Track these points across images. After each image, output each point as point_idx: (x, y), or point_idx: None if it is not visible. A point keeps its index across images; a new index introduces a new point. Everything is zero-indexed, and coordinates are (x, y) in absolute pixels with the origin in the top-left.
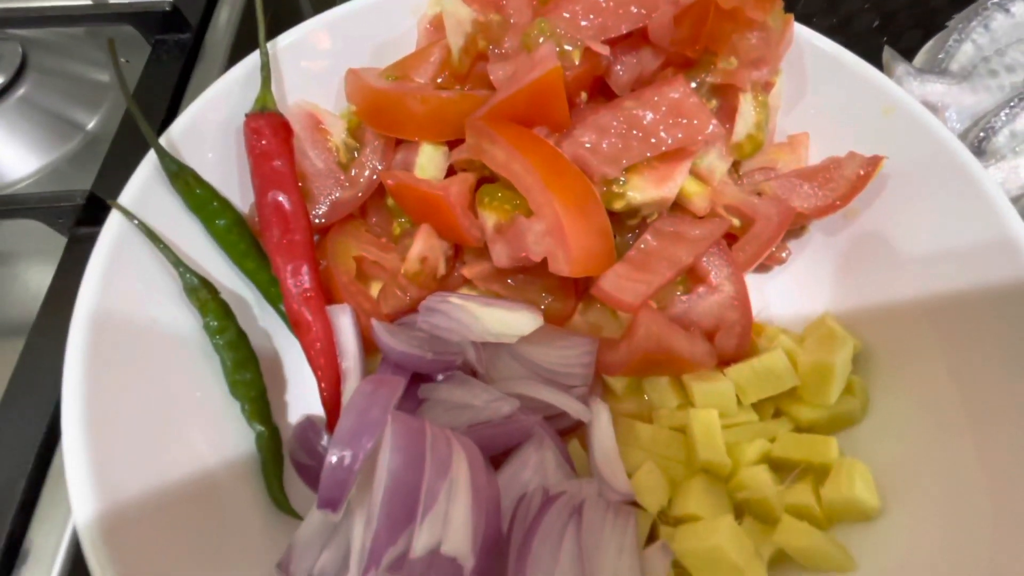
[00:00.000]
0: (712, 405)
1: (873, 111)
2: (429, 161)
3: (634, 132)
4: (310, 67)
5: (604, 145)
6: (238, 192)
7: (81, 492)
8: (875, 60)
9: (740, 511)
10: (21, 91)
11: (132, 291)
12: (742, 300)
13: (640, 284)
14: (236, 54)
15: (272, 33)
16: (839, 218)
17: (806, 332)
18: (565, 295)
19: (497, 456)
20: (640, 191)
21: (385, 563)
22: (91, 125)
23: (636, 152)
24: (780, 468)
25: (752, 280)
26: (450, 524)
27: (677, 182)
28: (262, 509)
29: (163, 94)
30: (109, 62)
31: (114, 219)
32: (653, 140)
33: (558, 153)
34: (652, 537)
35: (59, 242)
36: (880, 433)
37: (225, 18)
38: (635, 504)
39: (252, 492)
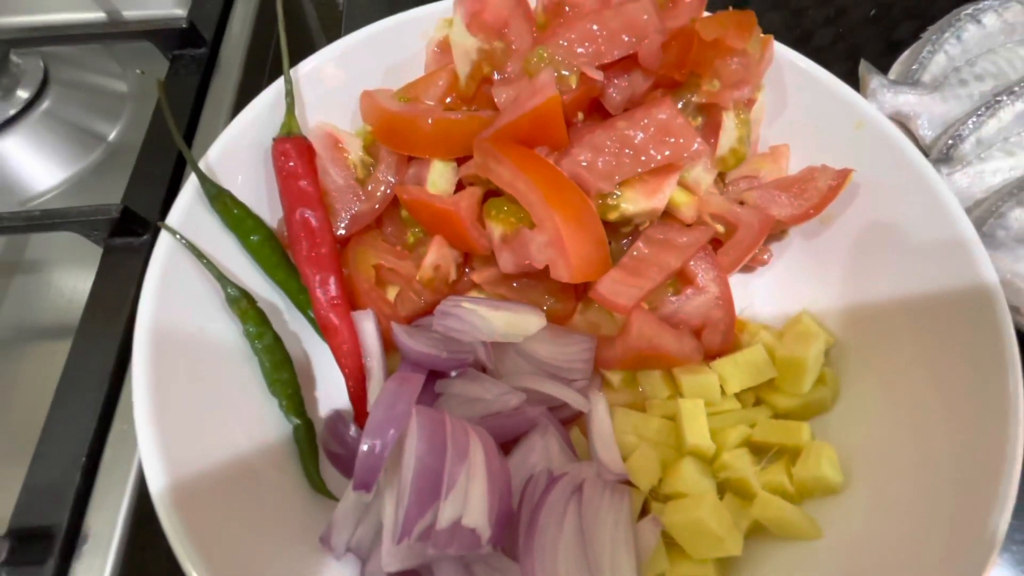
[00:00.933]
0: (698, 395)
1: (845, 125)
2: (440, 176)
3: (626, 151)
4: (328, 90)
5: (599, 163)
6: (267, 209)
7: (154, 469)
8: (871, 50)
9: (722, 489)
10: (45, 105)
11: (182, 303)
12: (726, 300)
13: (633, 288)
14: (250, 65)
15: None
16: (816, 223)
17: (784, 328)
18: (566, 297)
19: (507, 443)
20: (632, 203)
21: (416, 533)
22: (112, 136)
23: (628, 168)
24: (759, 451)
25: (736, 280)
26: (469, 501)
27: (666, 194)
28: (302, 493)
29: (184, 107)
30: (127, 75)
31: (163, 239)
32: (643, 157)
33: (557, 171)
34: (644, 512)
35: (91, 251)
36: (848, 419)
37: (238, 31)
38: (629, 483)
39: (292, 478)
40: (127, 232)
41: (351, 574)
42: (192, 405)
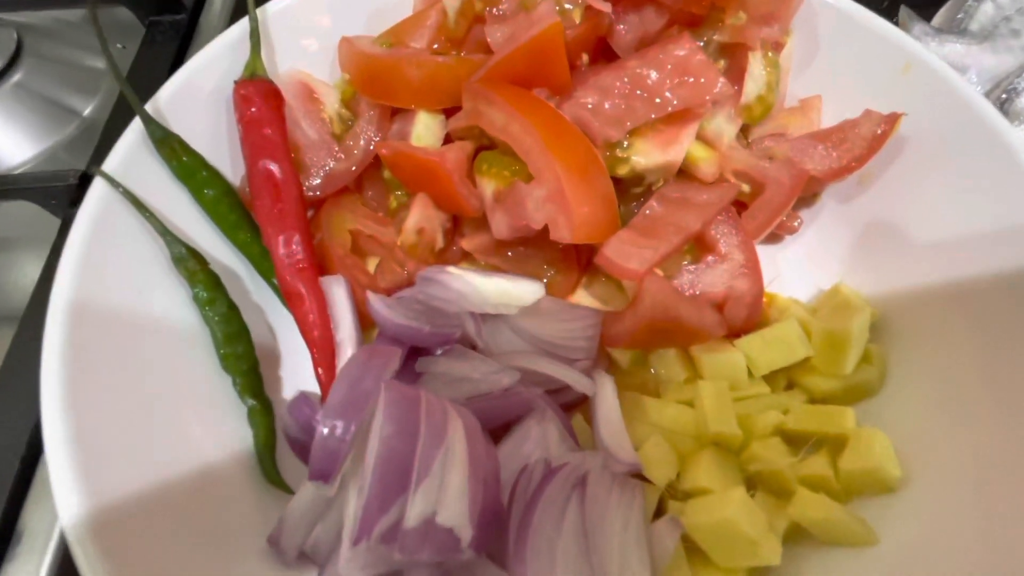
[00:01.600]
0: (721, 377)
1: (890, 70)
2: (426, 130)
3: (638, 92)
4: (302, 36)
5: (607, 106)
6: (229, 164)
7: (66, 487)
8: (891, 20)
9: (752, 485)
10: (17, 77)
11: (116, 265)
12: (753, 268)
13: (646, 250)
14: None
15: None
16: (853, 185)
17: (819, 302)
18: (568, 267)
19: (497, 431)
20: (645, 155)
21: (377, 533)
22: (87, 111)
23: (640, 113)
24: (794, 441)
25: (762, 251)
26: (446, 493)
27: (684, 145)
28: (255, 486)
29: (158, 75)
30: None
31: (97, 187)
32: (658, 100)
33: (559, 115)
34: (660, 512)
35: (55, 226)
36: (899, 405)
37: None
38: (642, 478)
39: (244, 469)
40: None
41: None
42: (124, 388)
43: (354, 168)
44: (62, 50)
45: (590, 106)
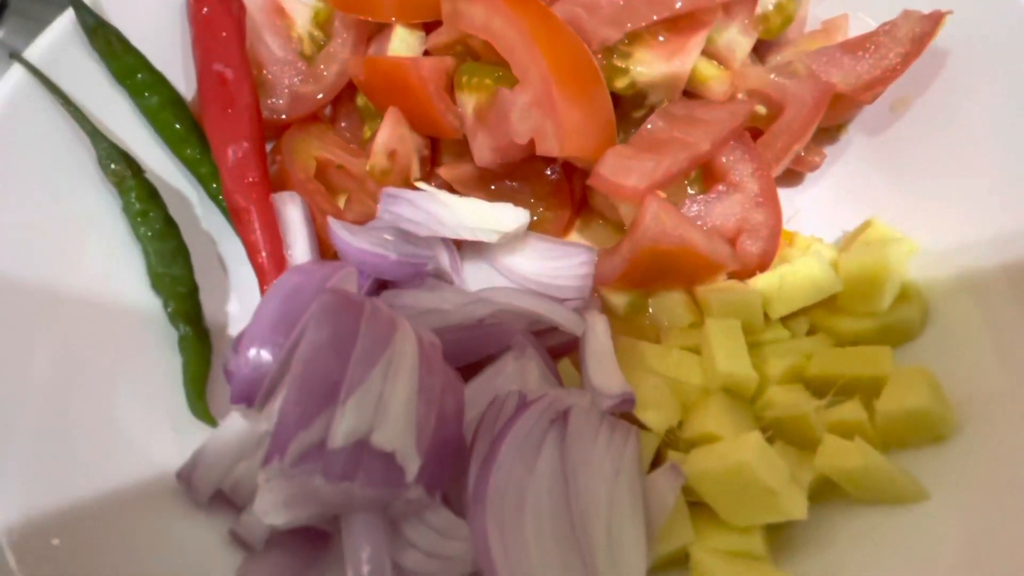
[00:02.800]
0: (732, 317)
1: None
2: (402, 43)
3: None
4: None
5: (603, 4)
6: (183, 80)
7: None
8: None
9: (771, 437)
10: None
11: (28, 156)
12: (769, 198)
13: (648, 165)
14: None
15: None
16: (884, 112)
17: (847, 239)
18: (559, 204)
19: (468, 371)
20: (647, 65)
21: (294, 452)
22: None
23: (642, 13)
24: (819, 389)
25: (781, 194)
26: (384, 410)
27: (690, 56)
28: (177, 419)
29: None
30: None
31: (14, 75)
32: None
33: (547, 9)
34: (657, 464)
35: None
36: (944, 350)
37: None
38: (638, 425)
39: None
40: None
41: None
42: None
43: (323, 93)
44: (47, 11)
45: (586, 3)
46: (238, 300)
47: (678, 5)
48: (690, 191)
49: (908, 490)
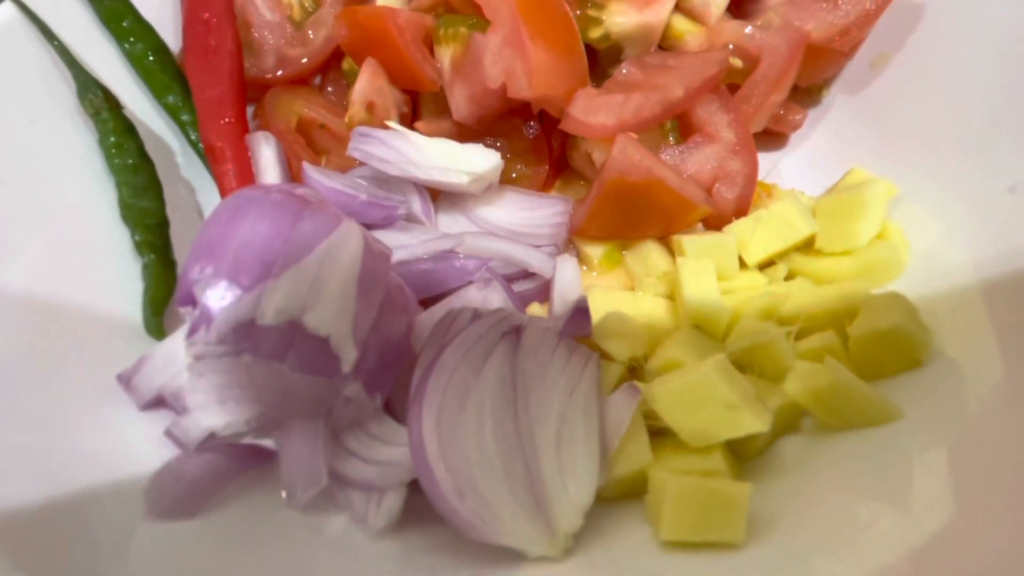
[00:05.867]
0: (706, 259)
1: None
2: (385, 4)
3: None
4: None
5: None
6: (171, 33)
7: None
8: None
9: (740, 368)
10: None
11: (8, 81)
12: (745, 148)
13: (617, 100)
14: None
15: None
16: (864, 70)
17: (829, 190)
18: (538, 159)
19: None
20: (621, 15)
21: (221, 324)
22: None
23: None
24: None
25: (763, 158)
26: (320, 293)
27: (665, 7)
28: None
29: None
30: None
31: (4, 10)
32: None
33: None
34: None
35: None
36: (923, 288)
37: None
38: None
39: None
40: None
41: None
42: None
43: (308, 57)
44: None
45: None
46: None
47: None
48: (668, 140)
49: (881, 411)
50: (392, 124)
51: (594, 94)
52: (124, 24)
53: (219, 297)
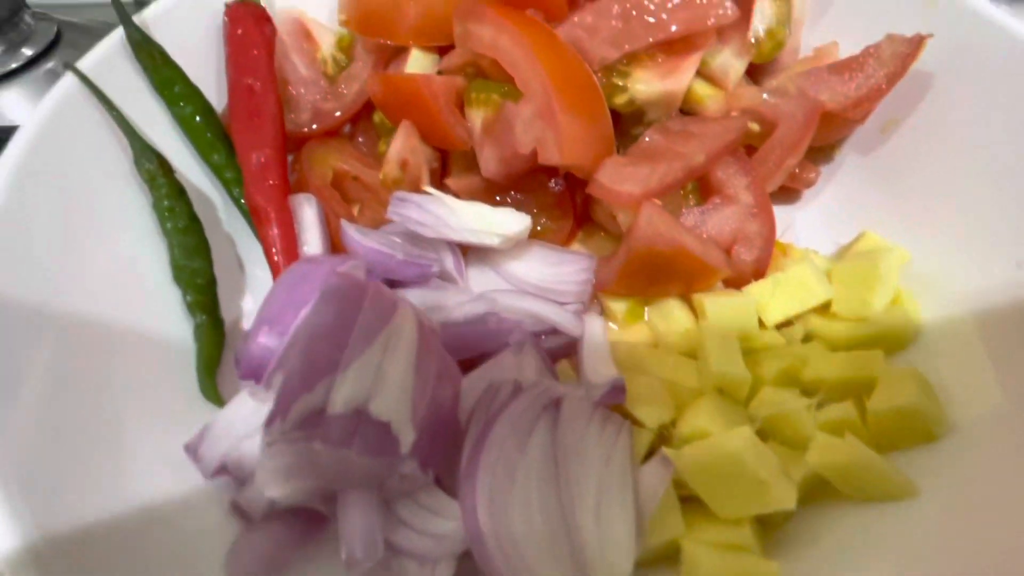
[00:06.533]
0: (728, 324)
1: (913, 7)
2: (417, 65)
3: (637, 15)
4: None
5: (603, 27)
6: (215, 94)
7: None
8: None
9: (764, 436)
10: (50, 64)
11: (71, 151)
12: (763, 210)
13: (644, 172)
14: None
15: None
16: (875, 134)
17: (842, 251)
18: (562, 214)
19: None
20: (644, 83)
21: (296, 415)
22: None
23: (640, 35)
24: (813, 393)
25: (778, 211)
26: (382, 381)
27: (686, 75)
28: (190, 401)
29: None
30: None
31: (66, 82)
32: (659, 22)
33: (550, 30)
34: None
35: None
36: (937, 357)
37: None
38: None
39: (181, 387)
40: None
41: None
42: (58, 268)
43: (343, 111)
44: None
45: (587, 26)
46: (253, 297)
47: (673, 28)
48: (688, 202)
49: (899, 486)
50: (428, 189)
51: (621, 163)
52: (175, 90)
53: (294, 390)
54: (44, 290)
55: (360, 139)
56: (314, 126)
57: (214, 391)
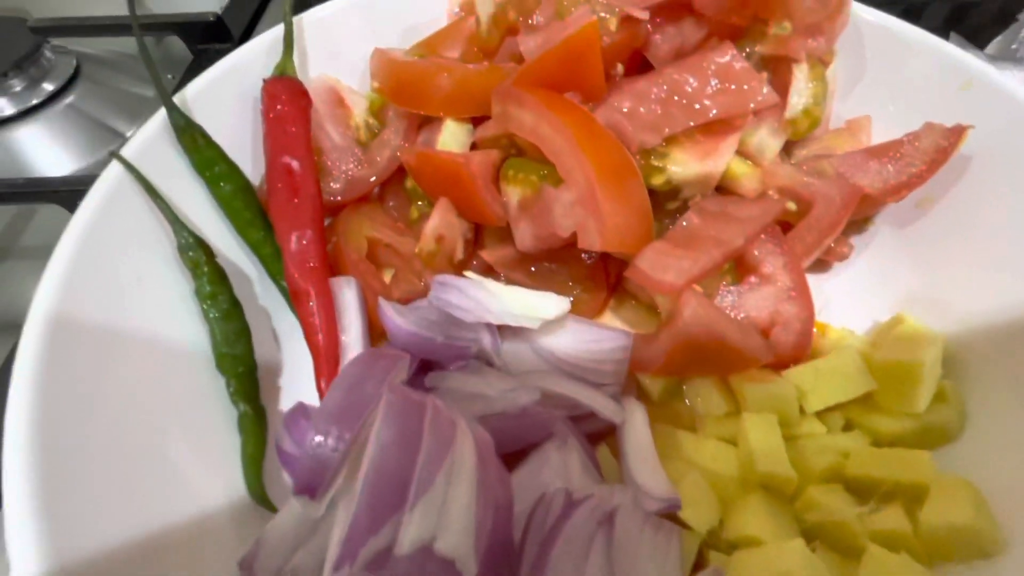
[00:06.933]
0: (768, 411)
1: (947, 88)
2: (452, 137)
3: (676, 99)
4: (335, 46)
5: (643, 111)
6: (251, 165)
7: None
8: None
9: (810, 538)
10: (70, 99)
11: (120, 242)
12: (801, 292)
13: (684, 261)
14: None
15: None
16: (910, 208)
17: (877, 334)
18: (595, 286)
19: (510, 457)
20: (682, 165)
21: (363, 558)
22: (130, 133)
23: (679, 120)
24: (858, 491)
25: (809, 280)
26: (447, 516)
27: (724, 157)
28: (235, 501)
29: None
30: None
31: (112, 170)
32: (698, 107)
33: (592, 117)
34: (699, 566)
35: None
36: (983, 454)
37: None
38: (677, 522)
39: (225, 481)
40: None
41: None
42: (107, 367)
43: (376, 176)
44: (116, 78)
45: (625, 111)
46: (289, 375)
47: (712, 113)
48: (725, 281)
49: None
50: (470, 275)
51: (661, 251)
52: (215, 169)
53: (362, 532)
54: (94, 381)
55: (391, 203)
56: (348, 195)
57: (261, 492)
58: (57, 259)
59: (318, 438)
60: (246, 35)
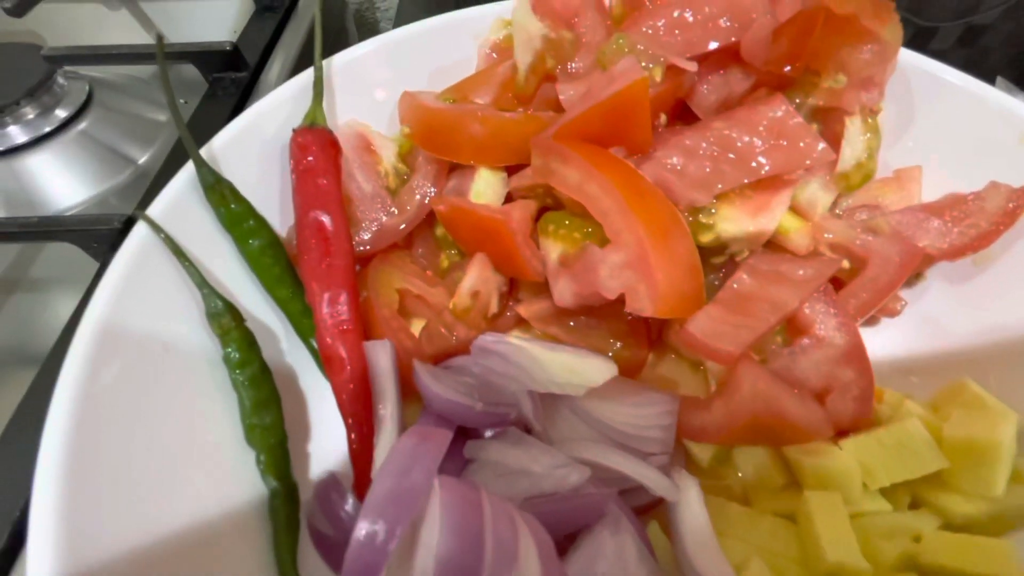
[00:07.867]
0: (830, 488)
1: (1002, 139)
2: (487, 186)
3: (728, 155)
4: (364, 90)
5: (692, 168)
6: (278, 216)
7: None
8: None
9: None
10: (83, 125)
11: (148, 309)
12: (858, 355)
13: (741, 329)
14: None
15: (326, 56)
16: (967, 264)
17: (939, 400)
18: (637, 342)
19: (560, 539)
20: (733, 222)
21: None
22: (143, 160)
23: (731, 177)
24: None
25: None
26: None
27: (776, 214)
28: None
29: (216, 127)
30: (168, 99)
31: (139, 231)
32: (752, 164)
33: (639, 175)
34: None
35: (93, 270)
36: None
37: (281, 61)
38: None
39: (258, 561)
40: None
41: None
42: (133, 448)
43: (406, 224)
44: (128, 103)
45: (674, 167)
46: (317, 439)
47: (765, 170)
48: (775, 342)
49: None
50: (513, 340)
51: (714, 315)
52: (244, 225)
53: None
54: (123, 456)
55: (419, 249)
56: (378, 244)
57: None
58: (84, 330)
59: (365, 533)
60: (261, 64)
